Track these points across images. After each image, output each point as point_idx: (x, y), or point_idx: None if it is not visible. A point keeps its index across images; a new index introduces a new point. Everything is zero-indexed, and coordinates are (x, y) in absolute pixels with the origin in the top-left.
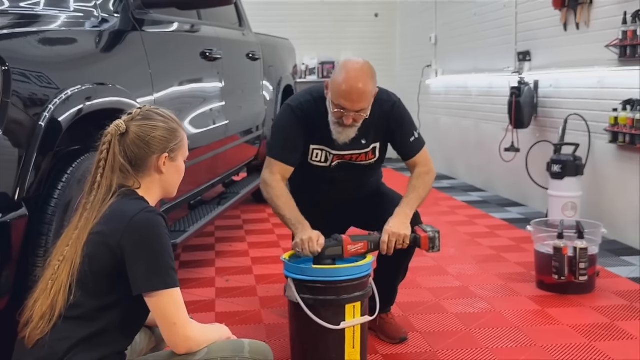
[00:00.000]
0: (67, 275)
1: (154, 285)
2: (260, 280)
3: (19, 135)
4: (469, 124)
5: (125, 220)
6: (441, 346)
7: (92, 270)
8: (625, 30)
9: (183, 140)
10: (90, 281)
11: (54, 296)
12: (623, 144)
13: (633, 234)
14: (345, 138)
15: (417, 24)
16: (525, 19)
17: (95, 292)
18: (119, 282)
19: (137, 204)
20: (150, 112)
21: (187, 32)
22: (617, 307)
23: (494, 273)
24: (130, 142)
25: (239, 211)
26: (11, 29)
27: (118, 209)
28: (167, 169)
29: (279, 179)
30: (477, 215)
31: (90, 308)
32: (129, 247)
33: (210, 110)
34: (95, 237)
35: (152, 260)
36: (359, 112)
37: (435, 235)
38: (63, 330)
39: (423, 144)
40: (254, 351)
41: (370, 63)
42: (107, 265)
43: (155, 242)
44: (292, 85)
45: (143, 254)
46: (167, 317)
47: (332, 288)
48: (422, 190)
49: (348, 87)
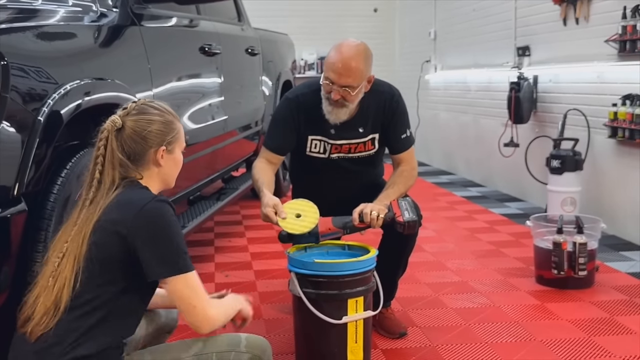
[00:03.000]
0: (71, 270)
1: (169, 271)
2: (260, 275)
3: (18, 130)
4: (468, 119)
5: (135, 209)
6: (441, 341)
7: (99, 257)
8: (625, 25)
9: (179, 131)
10: (96, 270)
11: (57, 292)
12: (622, 138)
13: (632, 229)
14: (335, 118)
15: (416, 19)
16: (524, 14)
17: (100, 281)
18: (124, 270)
19: (144, 193)
20: (145, 106)
21: (186, 27)
22: (616, 302)
23: (493, 268)
24: (127, 138)
25: (238, 206)
26: (10, 24)
27: (125, 198)
28: (166, 162)
29: (263, 160)
30: (476, 210)
31: (93, 298)
32: (141, 236)
33: (209, 105)
34: (103, 225)
35: (166, 246)
36: (345, 87)
37: (410, 222)
38: (67, 323)
39: (412, 142)
40: (251, 345)
41: (367, 45)
42: (115, 253)
43: (168, 229)
44: (291, 80)
45: (156, 242)
46: (186, 300)
47: (335, 282)
48: (402, 187)
49: (337, 61)
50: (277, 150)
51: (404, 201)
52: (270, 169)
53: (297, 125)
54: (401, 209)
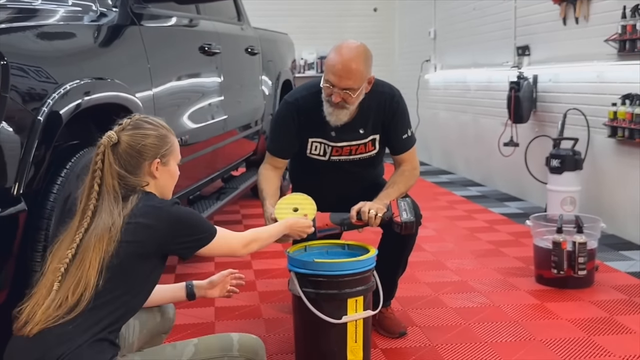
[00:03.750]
0: (95, 274)
1: (202, 241)
2: (260, 275)
3: (18, 129)
4: (468, 119)
5: (161, 212)
6: (440, 340)
7: (129, 253)
8: (625, 25)
9: (174, 145)
10: (115, 269)
11: (74, 296)
12: (622, 138)
13: (632, 229)
14: (336, 120)
15: (415, 18)
16: (524, 14)
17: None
18: (144, 266)
19: (160, 200)
20: (139, 122)
21: (185, 26)
22: (615, 302)
23: (493, 267)
24: (123, 152)
25: (237, 206)
26: (9, 23)
27: (148, 204)
28: (161, 174)
29: (268, 167)
30: (476, 209)
31: (103, 296)
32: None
33: (208, 104)
34: (133, 227)
35: (193, 227)
36: (346, 90)
37: (407, 223)
38: (67, 325)
39: (414, 142)
40: (244, 348)
41: (366, 46)
42: (145, 252)
43: (188, 218)
44: (291, 80)
45: (185, 230)
46: (226, 252)
47: (334, 282)
48: (402, 186)
49: (337, 63)
50: (281, 154)
51: (404, 201)
52: (277, 177)
53: (298, 127)
54: (400, 209)
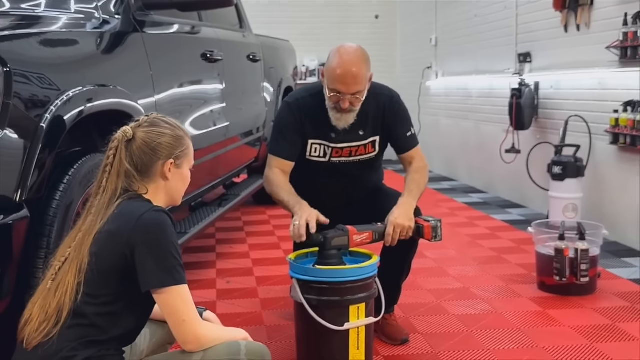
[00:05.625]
0: (73, 277)
1: (162, 281)
2: (261, 281)
3: (21, 136)
4: (470, 126)
5: (133, 219)
6: (443, 347)
7: (99, 269)
8: (626, 32)
9: (189, 147)
10: (96, 280)
11: (60, 298)
12: (624, 145)
13: (634, 236)
14: (344, 123)
15: (417, 25)
16: (525, 20)
17: (100, 292)
18: (124, 281)
19: (143, 204)
20: (157, 120)
21: (187, 33)
22: (618, 309)
23: (495, 274)
24: (137, 148)
25: (239, 213)
26: (12, 31)
27: (125, 209)
28: (173, 176)
29: (277, 172)
30: (477, 216)
31: (94, 307)
32: (138, 245)
33: (210, 111)
34: (102, 236)
35: (161, 257)
36: (354, 94)
37: (437, 224)
38: (66, 331)
39: (418, 142)
40: (251, 353)
41: (363, 47)
42: (115, 264)
43: (163, 240)
44: (293, 86)
45: (152, 252)
46: (176, 313)
47: (336, 289)
48: (422, 183)
49: (342, 71)
50: (288, 156)
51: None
52: (288, 182)
53: (301, 128)
54: (423, 218)
